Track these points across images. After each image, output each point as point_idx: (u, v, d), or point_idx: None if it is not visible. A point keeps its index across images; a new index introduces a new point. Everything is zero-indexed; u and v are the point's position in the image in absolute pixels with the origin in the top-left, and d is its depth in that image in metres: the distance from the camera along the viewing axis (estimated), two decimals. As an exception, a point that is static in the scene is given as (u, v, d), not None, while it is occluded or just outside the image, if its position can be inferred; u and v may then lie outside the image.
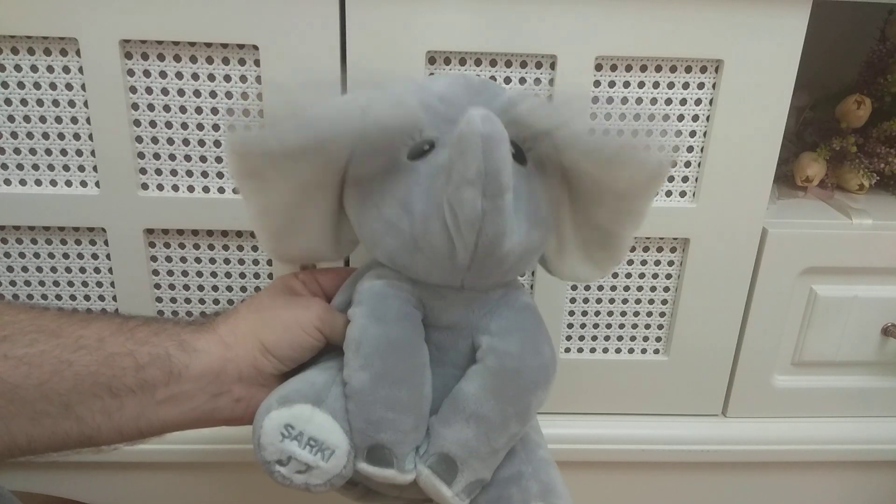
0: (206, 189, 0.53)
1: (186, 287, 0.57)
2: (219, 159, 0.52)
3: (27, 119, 0.51)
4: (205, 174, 0.53)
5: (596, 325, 0.59)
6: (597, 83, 0.51)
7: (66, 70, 0.49)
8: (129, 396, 0.36)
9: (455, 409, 0.37)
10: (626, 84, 0.51)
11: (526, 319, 0.40)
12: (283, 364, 0.39)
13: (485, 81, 0.39)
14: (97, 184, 0.52)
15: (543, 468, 0.40)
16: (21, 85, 0.50)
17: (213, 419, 0.39)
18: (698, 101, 0.52)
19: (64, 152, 0.52)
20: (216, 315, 0.41)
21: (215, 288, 0.57)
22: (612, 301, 0.59)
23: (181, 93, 0.50)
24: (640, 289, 0.58)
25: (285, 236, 0.40)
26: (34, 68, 0.49)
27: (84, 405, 0.35)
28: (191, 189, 0.53)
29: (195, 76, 0.50)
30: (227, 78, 0.50)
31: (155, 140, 0.51)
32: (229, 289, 0.57)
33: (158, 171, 0.52)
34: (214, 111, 0.51)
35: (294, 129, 0.33)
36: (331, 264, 0.51)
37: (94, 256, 0.55)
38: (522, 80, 0.50)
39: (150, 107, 0.50)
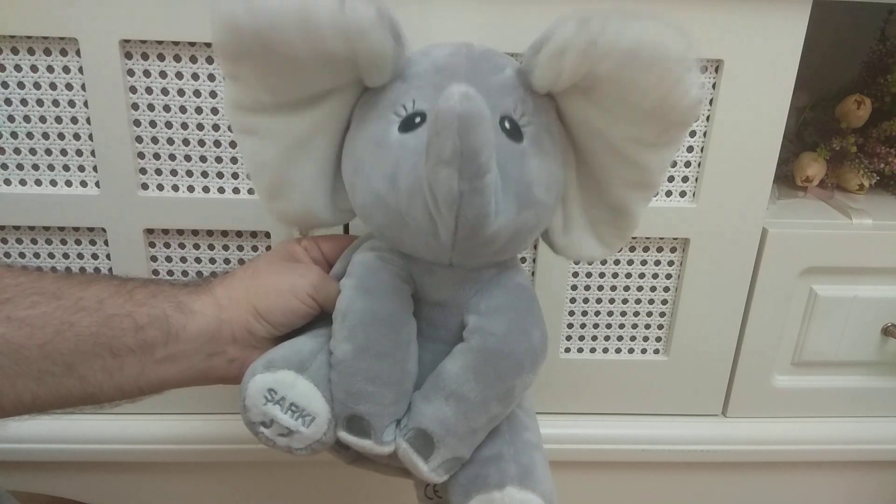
0: (206, 189, 0.53)
1: (186, 287, 0.57)
2: (219, 159, 0.52)
3: (27, 119, 0.51)
4: (205, 174, 0.53)
5: (596, 325, 0.59)
6: (597, 83, 0.51)
7: (66, 70, 0.49)
8: (129, 356, 0.37)
9: (436, 387, 0.37)
10: (626, 84, 0.51)
11: (517, 300, 0.39)
12: (275, 329, 0.40)
13: (488, 52, 0.38)
14: (97, 184, 0.52)
15: (526, 451, 0.39)
16: (21, 85, 0.50)
17: (208, 378, 0.40)
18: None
19: (64, 152, 0.52)
20: (213, 276, 0.42)
21: (215, 288, 0.57)
22: (612, 301, 0.59)
23: (181, 93, 0.50)
24: (640, 289, 0.58)
25: (280, 193, 0.40)
26: (34, 68, 0.49)
27: (86, 364, 0.36)
28: (191, 189, 0.53)
29: (195, 76, 0.50)
30: (227, 78, 0.50)
31: (155, 140, 0.51)
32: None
33: (158, 171, 0.52)
34: (214, 111, 0.51)
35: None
36: (330, 231, 0.51)
37: (94, 256, 0.55)
38: (522, 80, 0.50)
39: (150, 107, 0.50)
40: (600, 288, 0.58)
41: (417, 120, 0.35)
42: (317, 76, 0.36)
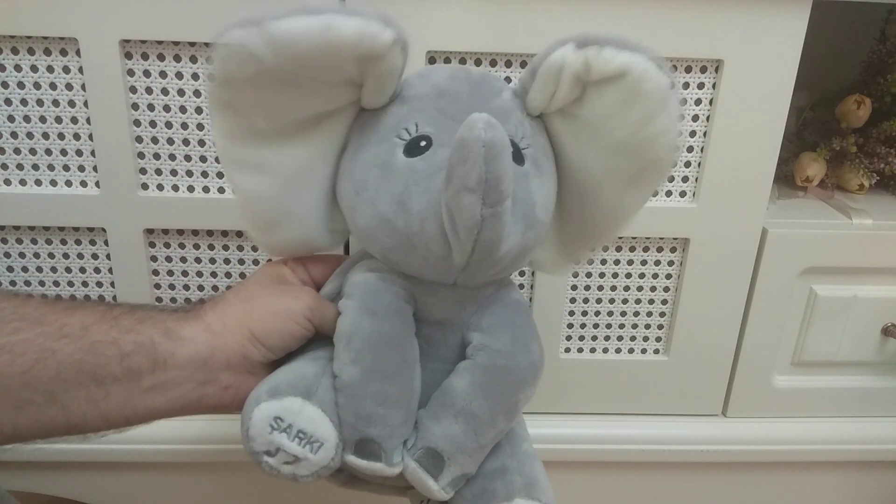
0: (206, 189, 0.53)
1: (186, 287, 0.57)
2: (219, 159, 0.52)
3: (27, 119, 0.51)
4: (205, 174, 0.53)
5: (596, 325, 0.59)
6: (597, 83, 0.51)
7: (66, 70, 0.49)
8: (115, 384, 0.36)
9: (444, 405, 0.37)
10: (626, 84, 0.51)
11: (516, 316, 0.40)
12: (271, 353, 0.39)
13: (484, 75, 0.39)
14: (97, 184, 0.52)
15: (528, 462, 0.40)
16: (21, 85, 0.50)
17: (200, 407, 0.39)
18: (698, 101, 0.52)
19: (64, 152, 0.52)
20: (203, 302, 0.41)
21: (215, 288, 0.57)
22: (612, 301, 0.59)
23: (181, 93, 0.50)
24: (640, 289, 0.58)
25: (277, 226, 0.39)
26: (34, 68, 0.49)
27: (69, 393, 0.35)
28: (191, 189, 0.53)
29: (195, 76, 0.50)
30: (227, 78, 0.50)
31: (155, 140, 0.51)
32: (229, 289, 0.57)
33: (158, 171, 0.52)
34: (214, 111, 0.51)
35: (263, 40, 0.32)
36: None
37: (94, 256, 0.55)
38: (522, 80, 0.51)
39: (150, 107, 0.50)
40: (600, 288, 0.58)
41: (423, 143, 0.36)
42: (316, 98, 0.36)
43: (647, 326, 0.60)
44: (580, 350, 0.60)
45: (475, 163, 0.30)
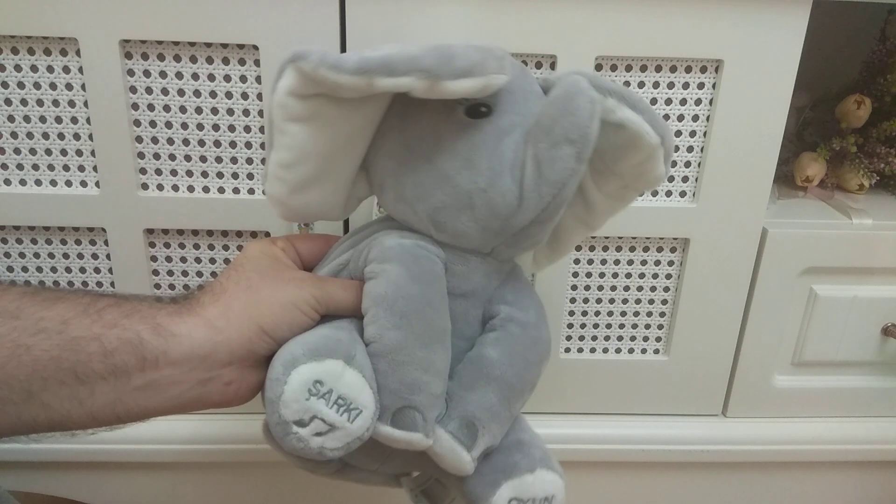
0: (206, 189, 0.53)
1: (186, 287, 0.57)
2: (219, 159, 0.52)
3: (27, 119, 0.51)
4: (205, 174, 0.53)
5: (596, 325, 0.59)
6: (597, 83, 0.51)
7: (66, 70, 0.49)
8: (100, 383, 0.34)
9: (478, 375, 0.37)
10: (626, 84, 0.51)
11: (531, 291, 0.42)
12: (278, 345, 0.37)
13: (504, 53, 0.39)
14: (97, 184, 0.52)
15: (538, 436, 0.42)
16: (21, 85, 0.50)
17: (201, 404, 0.37)
18: (698, 101, 0.52)
19: (64, 152, 0.52)
20: (198, 291, 0.38)
21: (215, 288, 0.57)
22: (612, 301, 0.59)
23: (181, 93, 0.50)
24: (640, 289, 0.58)
25: (311, 186, 0.38)
26: (34, 68, 0.49)
27: (49, 392, 0.33)
28: (191, 189, 0.53)
29: (195, 76, 0.50)
30: (227, 78, 0.50)
31: (155, 140, 0.51)
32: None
33: (158, 171, 0.52)
34: (214, 111, 0.51)
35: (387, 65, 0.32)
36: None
37: (94, 256, 0.55)
38: (522, 80, 0.50)
39: (150, 107, 0.50)
40: (600, 288, 0.58)
41: (483, 109, 0.35)
42: None
43: (647, 326, 0.60)
44: (580, 350, 0.60)
45: (581, 116, 0.32)
